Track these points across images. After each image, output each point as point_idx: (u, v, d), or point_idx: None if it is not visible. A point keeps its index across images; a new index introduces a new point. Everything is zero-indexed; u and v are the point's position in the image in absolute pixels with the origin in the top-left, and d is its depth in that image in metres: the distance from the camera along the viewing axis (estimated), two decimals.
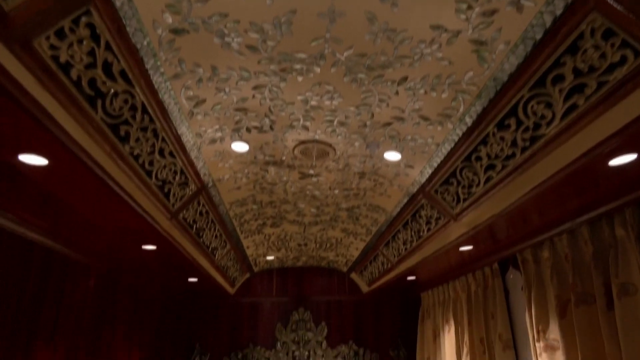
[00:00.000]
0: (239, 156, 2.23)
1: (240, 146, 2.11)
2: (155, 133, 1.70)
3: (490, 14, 1.23)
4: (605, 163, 1.45)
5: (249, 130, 1.97)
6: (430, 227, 2.61)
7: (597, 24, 1.13)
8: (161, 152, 1.81)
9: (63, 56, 1.14)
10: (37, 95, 1.13)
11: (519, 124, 1.54)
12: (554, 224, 2.15)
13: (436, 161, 2.10)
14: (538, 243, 2.40)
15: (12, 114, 1.14)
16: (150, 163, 1.80)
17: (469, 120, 1.73)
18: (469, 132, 1.78)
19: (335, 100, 1.72)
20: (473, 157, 1.86)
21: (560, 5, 1.16)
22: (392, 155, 2.17)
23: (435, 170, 2.16)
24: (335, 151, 2.18)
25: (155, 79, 1.49)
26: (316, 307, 4.85)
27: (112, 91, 1.36)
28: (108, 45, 1.24)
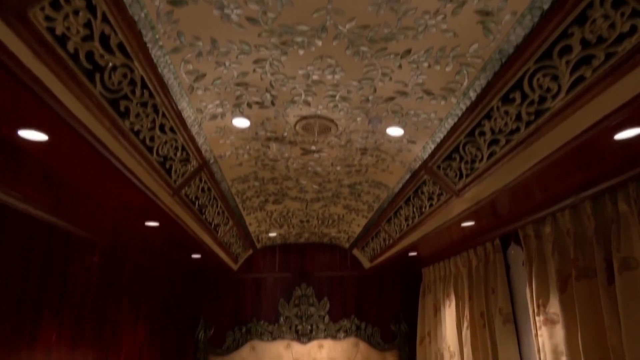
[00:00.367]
0: (240, 132, 2.21)
1: (241, 122, 2.10)
2: (156, 108, 1.68)
3: None
4: (611, 137, 1.44)
5: (250, 105, 1.95)
6: (432, 203, 2.61)
7: None
8: (162, 128, 1.80)
9: (59, 28, 1.11)
10: (35, 68, 1.11)
11: (524, 97, 1.51)
12: (556, 199, 2.14)
13: (439, 136, 2.08)
14: (540, 218, 2.40)
15: (10, 88, 1.13)
16: (151, 139, 1.78)
17: (473, 95, 1.70)
18: (472, 107, 1.75)
19: (337, 75, 1.70)
20: (476, 132, 1.84)
21: None
22: (395, 131, 2.15)
23: (438, 146, 2.15)
24: (337, 127, 2.16)
25: (154, 52, 1.46)
26: (318, 283, 4.91)
27: (111, 65, 1.34)
28: (105, 17, 1.21)
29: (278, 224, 4.11)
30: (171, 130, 1.87)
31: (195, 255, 3.74)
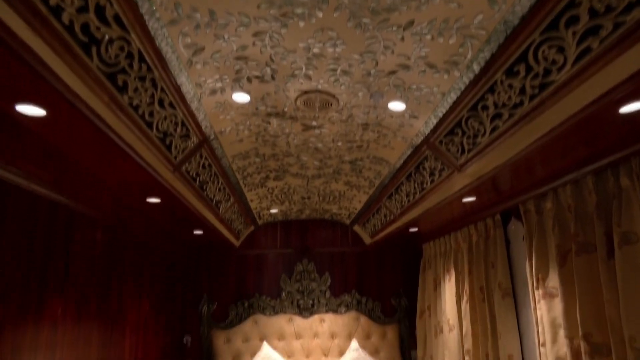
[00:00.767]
0: (240, 107, 2.19)
1: (241, 97, 2.07)
2: (154, 83, 1.65)
3: None
4: (616, 110, 1.42)
5: (249, 80, 1.92)
6: (434, 179, 2.60)
7: None
8: (161, 103, 1.78)
9: None
10: (29, 40, 1.09)
11: (528, 70, 1.49)
12: (558, 175, 2.13)
13: (441, 111, 2.06)
14: (541, 194, 2.40)
15: (4, 60, 1.11)
16: (150, 114, 1.77)
17: (476, 68, 1.68)
18: (476, 80, 1.73)
19: (338, 48, 1.66)
20: (479, 106, 1.82)
21: None
22: (397, 106, 2.13)
23: (440, 121, 2.13)
24: (338, 102, 2.14)
25: (151, 24, 1.43)
26: (320, 259, 4.96)
27: (107, 37, 1.31)
28: None
29: (279, 200, 4.12)
30: (170, 105, 1.85)
31: (198, 232, 3.77)
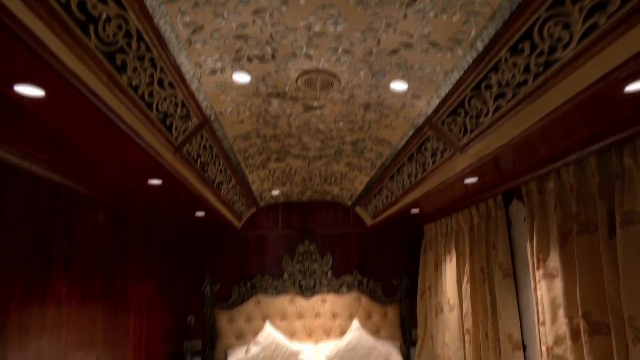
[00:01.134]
0: (240, 88, 2.17)
1: (241, 77, 2.05)
2: (153, 62, 1.63)
3: None
4: (621, 89, 1.40)
5: (250, 59, 1.90)
6: (436, 160, 2.59)
7: None
8: (160, 83, 1.76)
9: None
10: (26, 19, 1.07)
11: (533, 47, 1.46)
12: (561, 155, 2.12)
13: (444, 90, 2.03)
14: (544, 174, 2.39)
15: (2, 40, 1.09)
16: (150, 94, 1.75)
17: (480, 46, 1.65)
18: (479, 59, 1.70)
19: (339, 25, 1.64)
20: (483, 85, 1.80)
21: None
22: (399, 85, 2.10)
23: (443, 101, 2.10)
24: (339, 81, 2.11)
25: (149, 2, 1.41)
26: (321, 240, 4.99)
27: (104, 15, 1.29)
28: None
29: (281, 182, 4.12)
30: (170, 85, 1.83)
31: (199, 213, 3.78)
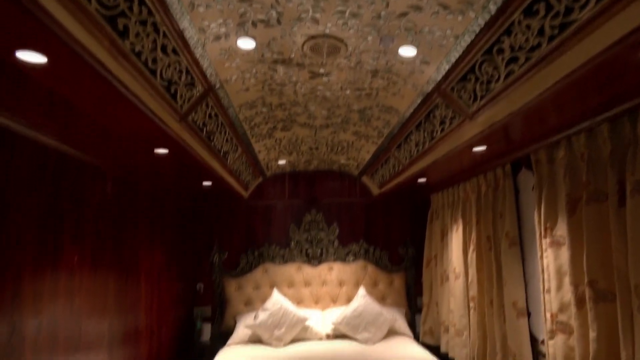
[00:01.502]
0: (245, 54, 2.13)
1: (246, 43, 2.00)
2: (156, 27, 1.60)
3: None
4: (638, 53, 1.35)
5: (254, 24, 1.85)
6: (444, 128, 2.55)
7: None
8: (164, 49, 1.73)
9: None
10: None
11: (548, 9, 1.40)
12: (573, 122, 2.08)
13: (454, 56, 1.98)
14: (554, 142, 2.35)
15: (2, 6, 1.06)
16: (154, 61, 1.72)
17: (493, 8, 1.59)
18: (492, 21, 1.64)
19: None
20: (495, 50, 1.74)
21: None
22: (407, 51, 2.05)
23: (453, 66, 2.05)
24: (346, 47, 2.06)
25: None
26: (328, 210, 5.00)
27: None
28: None
29: (287, 151, 4.10)
30: (174, 52, 1.80)
31: (206, 183, 3.79)
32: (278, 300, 4.19)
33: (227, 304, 4.63)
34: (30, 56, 1.35)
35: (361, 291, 4.42)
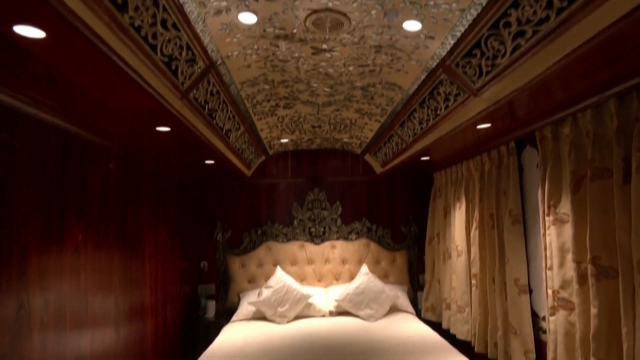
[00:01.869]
0: (247, 29, 2.09)
1: (247, 17, 1.96)
2: (155, 1, 1.56)
3: None
4: None
5: None
6: (449, 105, 2.52)
7: None
8: (164, 24, 1.70)
9: None
10: None
11: None
12: (580, 98, 2.05)
13: (459, 30, 1.94)
14: (560, 119, 2.33)
15: None
16: (154, 36, 1.69)
17: None
18: None
19: None
20: (501, 23, 1.70)
21: None
22: (412, 25, 2.01)
23: (458, 41, 2.01)
24: (350, 21, 2.02)
25: None
26: (330, 188, 5.01)
27: None
28: None
29: (290, 129, 4.08)
30: (174, 26, 1.77)
31: (209, 161, 3.79)
32: (281, 278, 4.24)
33: (231, 282, 4.68)
34: (29, 31, 1.33)
35: (364, 269, 4.45)
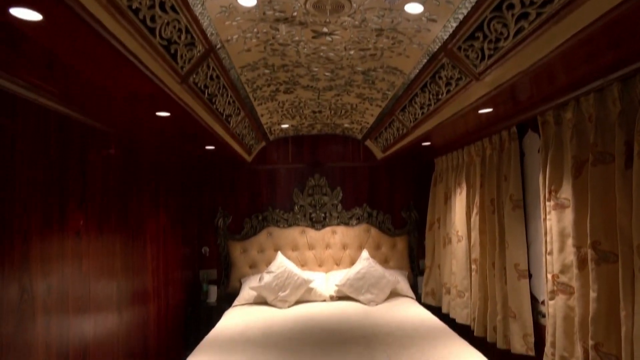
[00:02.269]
0: (246, 12, 2.06)
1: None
2: None
3: None
4: None
5: None
6: (450, 89, 2.50)
7: None
8: (162, 6, 1.67)
9: None
10: None
11: None
12: (583, 82, 2.03)
13: (462, 12, 1.91)
14: (562, 104, 2.31)
15: None
16: (152, 19, 1.67)
17: None
18: None
19: None
20: (504, 5, 1.68)
21: None
22: (414, 7, 1.98)
23: (461, 24, 1.98)
24: (351, 4, 1.99)
25: None
26: (331, 174, 5.00)
27: None
28: None
29: (290, 114, 4.06)
30: (172, 9, 1.74)
31: (209, 147, 3.78)
32: (282, 263, 4.26)
33: (233, 267, 4.71)
34: (25, 13, 1.31)
35: (364, 254, 4.48)
